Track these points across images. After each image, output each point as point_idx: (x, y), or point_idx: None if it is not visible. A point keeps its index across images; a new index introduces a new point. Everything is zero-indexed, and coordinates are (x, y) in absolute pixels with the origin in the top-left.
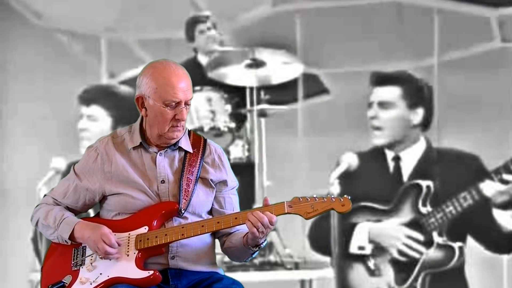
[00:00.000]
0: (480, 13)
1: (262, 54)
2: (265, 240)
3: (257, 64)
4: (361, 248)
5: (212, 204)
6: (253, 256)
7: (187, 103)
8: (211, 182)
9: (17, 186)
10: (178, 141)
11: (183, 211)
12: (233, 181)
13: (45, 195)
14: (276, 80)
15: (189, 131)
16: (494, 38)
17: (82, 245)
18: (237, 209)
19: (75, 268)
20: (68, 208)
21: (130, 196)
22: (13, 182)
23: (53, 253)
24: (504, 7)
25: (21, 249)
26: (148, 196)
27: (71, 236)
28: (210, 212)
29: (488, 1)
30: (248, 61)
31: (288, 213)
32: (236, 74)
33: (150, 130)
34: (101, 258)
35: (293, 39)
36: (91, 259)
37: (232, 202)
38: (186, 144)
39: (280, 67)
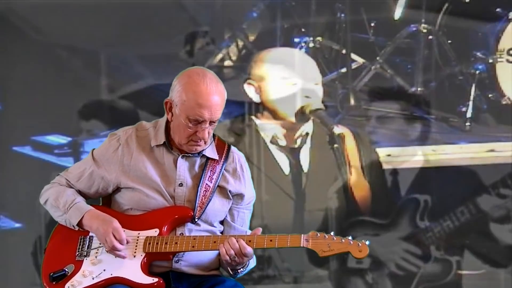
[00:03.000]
0: (478, 28)
1: (261, 69)
2: (244, 267)
3: (255, 79)
4: (359, 262)
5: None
6: (238, 276)
7: (212, 121)
8: (229, 194)
9: (17, 201)
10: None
11: (196, 219)
12: (250, 196)
13: (58, 175)
14: (274, 95)
15: (214, 136)
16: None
17: (89, 235)
18: (246, 225)
19: (79, 259)
20: (80, 192)
21: (144, 194)
22: (13, 196)
23: (58, 235)
24: (502, 22)
25: (21, 263)
26: (163, 197)
27: (79, 223)
28: (221, 222)
29: (486, 16)
30: (247, 76)
31: (303, 247)
32: (235, 89)
33: (173, 134)
34: (107, 251)
35: (291, 54)
36: (96, 252)
37: (244, 218)
38: (211, 151)
39: (279, 82)
